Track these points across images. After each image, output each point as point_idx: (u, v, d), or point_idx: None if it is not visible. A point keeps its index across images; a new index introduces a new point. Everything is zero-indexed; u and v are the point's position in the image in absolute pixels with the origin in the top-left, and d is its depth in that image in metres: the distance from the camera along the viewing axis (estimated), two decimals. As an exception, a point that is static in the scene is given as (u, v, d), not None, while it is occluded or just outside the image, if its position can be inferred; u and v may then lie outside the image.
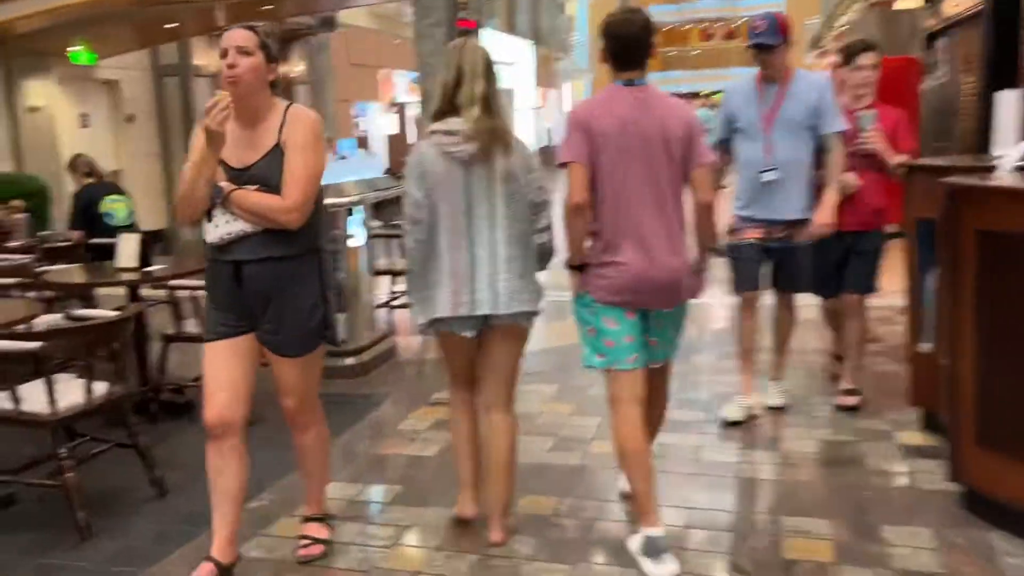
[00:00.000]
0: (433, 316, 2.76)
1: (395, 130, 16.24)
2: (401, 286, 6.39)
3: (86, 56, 8.79)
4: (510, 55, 22.64)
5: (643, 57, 2.76)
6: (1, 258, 5.41)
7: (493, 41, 20.84)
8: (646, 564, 2.71)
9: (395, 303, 6.41)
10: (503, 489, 2.93)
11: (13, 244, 5.80)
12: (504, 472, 2.92)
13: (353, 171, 5.21)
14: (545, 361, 5.25)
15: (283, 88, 12.21)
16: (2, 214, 6.18)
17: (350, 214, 4.99)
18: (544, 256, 2.86)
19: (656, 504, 2.76)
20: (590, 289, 2.77)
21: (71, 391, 3.22)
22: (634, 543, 2.79)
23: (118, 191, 6.25)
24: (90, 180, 6.21)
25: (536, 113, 25.37)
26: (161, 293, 4.59)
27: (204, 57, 10.27)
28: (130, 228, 6.21)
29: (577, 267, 2.81)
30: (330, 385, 4.90)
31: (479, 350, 2.88)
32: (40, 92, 8.36)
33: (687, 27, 41.89)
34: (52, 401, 3.07)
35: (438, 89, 2.77)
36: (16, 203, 6.25)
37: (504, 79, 22.32)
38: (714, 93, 25.60)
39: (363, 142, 14.78)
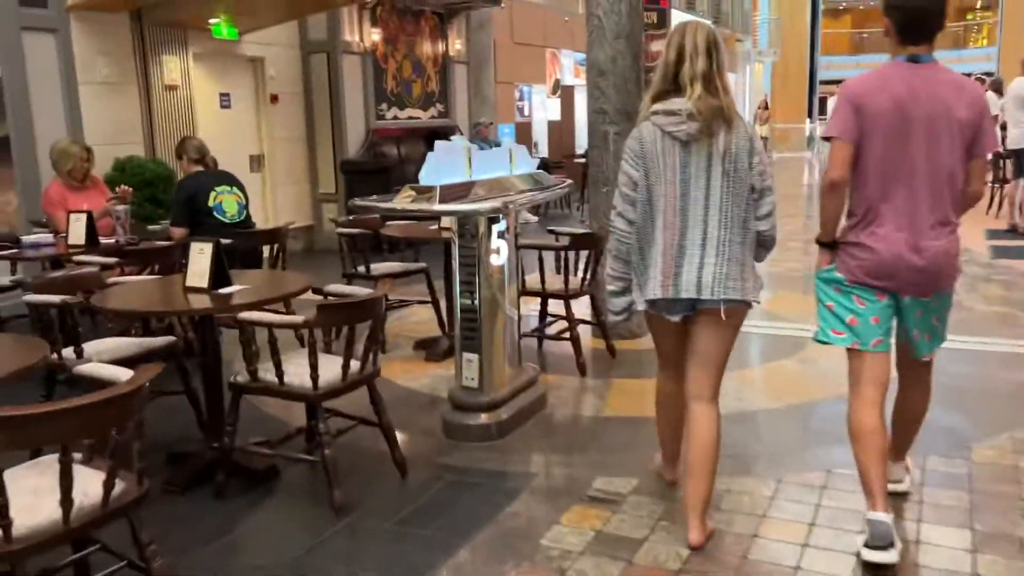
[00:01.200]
0: (646, 298, 2.73)
1: (558, 116, 14.96)
2: (557, 309, 5.09)
3: (228, 29, 8.06)
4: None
5: (935, 30, 2.59)
6: (82, 259, 4.53)
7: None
8: (863, 550, 2.57)
9: (549, 333, 5.11)
10: (704, 486, 2.75)
11: (106, 242, 4.93)
12: (706, 467, 2.76)
13: (499, 166, 3.93)
14: (762, 437, 3.77)
15: (440, 67, 11.24)
16: (110, 204, 5.36)
17: (494, 222, 3.72)
18: (764, 244, 2.76)
19: (884, 488, 2.60)
20: (839, 267, 2.69)
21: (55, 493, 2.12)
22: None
23: (230, 181, 5.30)
24: (198, 167, 5.29)
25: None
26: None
27: (354, 32, 9.35)
28: (244, 226, 5.26)
29: (827, 244, 2.73)
30: (453, 454, 3.67)
31: (688, 335, 2.79)
32: (178, 68, 7.69)
33: (884, 6, 38.21)
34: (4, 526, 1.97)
35: (659, 69, 2.73)
36: (121, 190, 5.39)
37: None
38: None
39: (524, 128, 13.60)
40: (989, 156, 2.71)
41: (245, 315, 3.09)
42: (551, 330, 5.11)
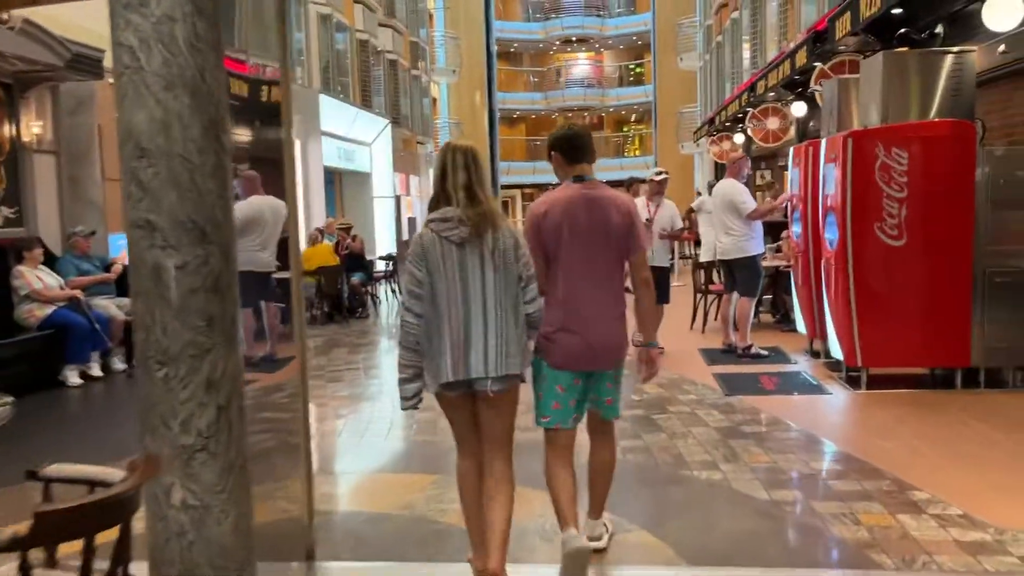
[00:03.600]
0: (440, 382, 3.01)
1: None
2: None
3: None
4: (365, 134, 19.18)
5: (591, 155, 3.40)
6: None
7: (340, 114, 17.31)
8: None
9: None
10: (501, 534, 3.12)
11: None
12: (502, 526, 3.12)
13: None
14: None
15: (6, 158, 8.10)
16: None
17: None
18: (532, 324, 3.16)
19: (575, 512, 3.25)
20: (546, 356, 3.28)
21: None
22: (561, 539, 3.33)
23: None
24: None
25: (396, 201, 21.81)
26: None
27: None
28: None
29: None
30: None
31: (477, 411, 3.13)
32: None
33: (553, 116, 40.21)
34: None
35: (432, 184, 3.15)
36: None
37: (357, 161, 18.76)
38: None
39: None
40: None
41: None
42: None
